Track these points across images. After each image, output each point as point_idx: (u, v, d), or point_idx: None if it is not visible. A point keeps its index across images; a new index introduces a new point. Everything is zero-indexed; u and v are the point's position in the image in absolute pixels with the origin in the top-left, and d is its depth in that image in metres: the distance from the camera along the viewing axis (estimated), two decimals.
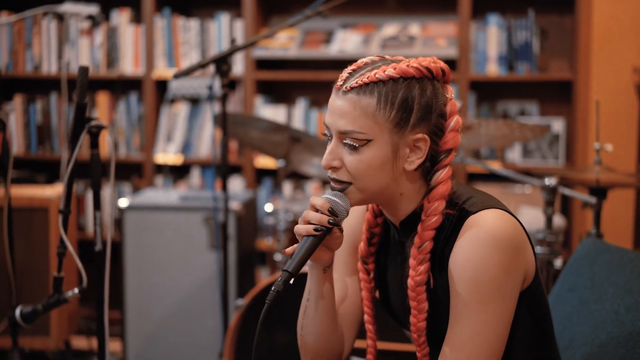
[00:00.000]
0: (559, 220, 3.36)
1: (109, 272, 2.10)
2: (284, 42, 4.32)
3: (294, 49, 4.28)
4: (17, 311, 2.13)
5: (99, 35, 4.43)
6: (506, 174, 3.11)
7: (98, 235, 2.10)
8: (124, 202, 3.60)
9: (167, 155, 4.41)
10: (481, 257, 1.43)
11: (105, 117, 4.48)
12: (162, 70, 4.37)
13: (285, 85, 4.56)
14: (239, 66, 4.29)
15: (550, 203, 2.74)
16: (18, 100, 4.54)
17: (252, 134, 3.35)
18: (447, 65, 1.54)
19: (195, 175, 4.46)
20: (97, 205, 2.11)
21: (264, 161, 4.29)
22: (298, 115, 4.34)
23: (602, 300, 1.86)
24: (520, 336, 1.53)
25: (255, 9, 4.26)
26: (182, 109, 4.42)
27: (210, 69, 3.96)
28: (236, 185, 4.36)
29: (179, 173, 4.55)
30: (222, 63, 2.85)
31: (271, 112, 4.32)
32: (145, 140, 4.41)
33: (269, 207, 3.68)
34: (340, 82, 1.50)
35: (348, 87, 1.48)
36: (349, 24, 4.35)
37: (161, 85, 4.45)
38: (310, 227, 1.50)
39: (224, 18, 4.32)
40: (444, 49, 4.06)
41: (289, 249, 1.52)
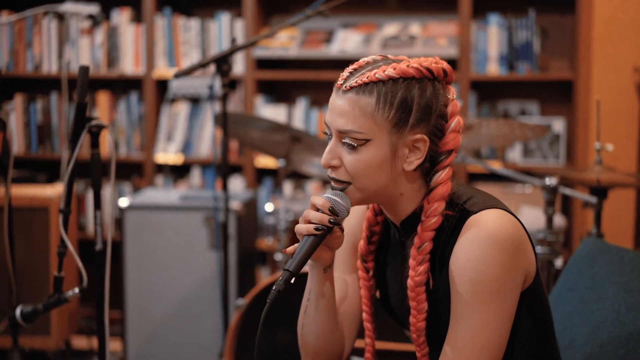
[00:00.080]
0: (559, 220, 3.36)
1: (109, 272, 2.10)
2: (285, 42, 4.31)
3: (295, 48, 4.28)
4: (18, 311, 2.13)
5: (100, 35, 4.43)
6: (507, 174, 3.11)
7: (98, 235, 2.10)
8: (124, 202, 3.60)
9: (168, 154, 4.41)
10: (482, 257, 1.43)
11: (105, 117, 4.48)
12: (163, 70, 4.37)
13: (285, 85, 4.56)
14: (239, 66, 4.29)
15: (550, 203, 2.73)
16: (18, 100, 4.54)
17: (253, 134, 3.35)
18: (450, 66, 1.53)
19: (195, 174, 4.46)
20: (98, 204, 2.11)
21: (265, 161, 4.29)
22: (298, 115, 4.34)
23: (603, 300, 1.86)
24: (521, 336, 1.53)
25: (255, 8, 4.26)
26: (183, 109, 4.42)
27: (211, 68, 3.96)
28: (236, 184, 4.35)
29: (179, 173, 4.55)
30: (223, 63, 2.85)
31: (272, 112, 4.32)
32: (145, 140, 4.41)
33: (269, 207, 3.68)
34: (341, 81, 1.50)
35: (348, 87, 1.48)
36: (350, 24, 4.35)
37: (162, 85, 4.45)
38: (311, 227, 1.50)
39: (224, 18, 4.32)
40: (444, 49, 4.06)
41: (289, 249, 1.52)
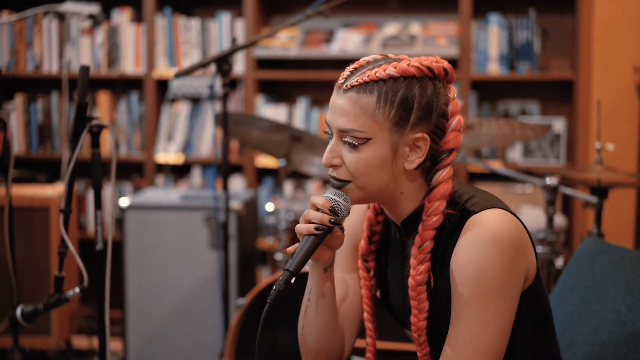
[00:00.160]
0: (560, 220, 3.36)
1: (109, 272, 2.10)
2: (285, 42, 4.32)
3: (295, 48, 4.28)
4: (18, 310, 2.13)
5: (100, 35, 4.43)
6: (507, 174, 3.11)
7: (99, 235, 2.10)
8: (124, 202, 3.60)
9: (168, 154, 4.41)
10: (483, 257, 1.43)
11: (106, 117, 4.48)
12: (163, 70, 4.37)
13: (286, 84, 4.56)
14: (239, 65, 4.29)
15: (551, 202, 2.73)
16: (19, 100, 4.54)
17: (253, 134, 3.35)
18: (451, 65, 1.53)
19: (196, 174, 4.46)
20: (98, 204, 2.11)
21: (265, 160, 4.29)
22: (299, 114, 4.34)
23: (603, 300, 1.86)
24: (521, 336, 1.53)
25: (256, 8, 4.26)
26: (183, 109, 4.42)
27: (211, 68, 3.96)
28: (237, 184, 4.36)
29: (179, 172, 4.55)
30: (223, 62, 2.85)
31: (272, 112, 4.32)
32: (146, 140, 4.41)
33: (269, 207, 3.68)
34: (342, 80, 1.50)
35: (348, 86, 1.48)
36: (350, 24, 4.35)
37: (162, 85, 4.45)
38: (311, 226, 1.50)
39: (224, 17, 4.32)
40: (444, 49, 4.06)
41: (290, 248, 1.52)
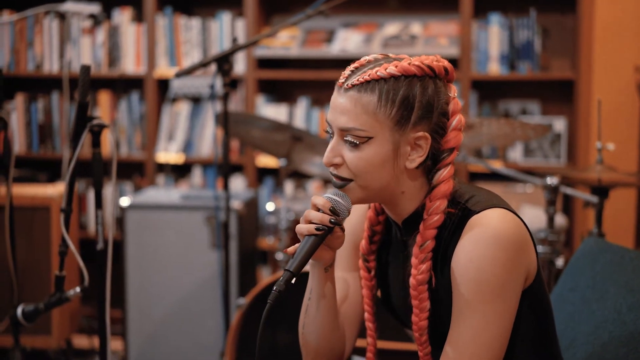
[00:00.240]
0: (560, 220, 3.36)
1: (110, 271, 2.10)
2: (286, 41, 4.32)
3: (296, 48, 4.28)
4: (19, 310, 2.13)
5: (101, 34, 4.43)
6: (508, 173, 3.11)
7: (100, 234, 2.10)
8: (125, 201, 3.60)
9: (169, 154, 4.41)
10: (484, 257, 1.43)
11: (106, 116, 4.48)
12: (164, 69, 4.37)
13: (286, 84, 4.56)
14: (240, 65, 4.29)
15: (552, 202, 2.73)
16: (20, 99, 4.54)
17: (254, 133, 3.35)
18: (452, 65, 1.54)
19: (196, 174, 4.46)
20: (99, 204, 2.11)
21: (266, 160, 4.29)
22: (299, 114, 4.34)
23: (604, 300, 1.86)
24: (522, 335, 1.53)
25: (256, 8, 4.26)
26: (184, 108, 4.42)
27: (212, 68, 3.96)
28: (237, 184, 4.36)
29: (180, 172, 4.55)
30: (224, 62, 2.85)
31: (273, 111, 4.32)
32: (146, 139, 4.41)
33: (270, 206, 3.68)
34: (342, 80, 1.50)
35: (349, 85, 1.48)
36: (351, 23, 4.35)
37: (163, 84, 4.45)
38: (312, 227, 1.50)
39: (225, 17, 4.32)
40: (445, 48, 4.06)
41: (290, 249, 1.52)
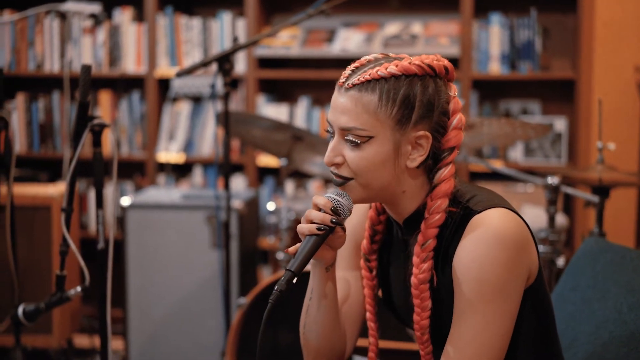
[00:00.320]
0: (561, 219, 3.36)
1: (111, 271, 2.10)
2: (286, 41, 4.32)
3: (296, 47, 4.28)
4: (20, 309, 2.14)
5: (102, 34, 4.43)
6: (508, 173, 3.11)
7: (100, 234, 2.10)
8: (126, 201, 3.61)
9: (170, 153, 4.41)
10: (486, 257, 1.43)
11: (107, 116, 4.48)
12: (165, 69, 4.37)
13: (287, 83, 4.56)
14: (241, 65, 4.29)
15: (552, 202, 2.73)
16: (20, 99, 4.54)
17: (255, 133, 3.35)
18: (452, 64, 1.54)
19: (197, 173, 4.46)
20: (100, 203, 2.11)
21: (266, 160, 4.29)
22: (300, 113, 4.34)
23: (605, 299, 1.86)
24: (523, 334, 1.53)
25: (257, 7, 4.26)
26: (185, 108, 4.42)
27: (213, 67, 3.96)
28: (238, 183, 4.36)
29: (181, 172, 4.55)
30: (225, 62, 2.85)
31: (273, 111, 4.32)
32: (147, 139, 4.41)
33: (271, 206, 3.68)
34: (343, 79, 1.50)
35: (350, 84, 1.48)
36: (351, 23, 4.35)
37: (163, 84, 4.45)
38: (313, 227, 1.50)
39: (226, 17, 4.32)
40: (446, 48, 4.06)
41: (292, 248, 1.52)
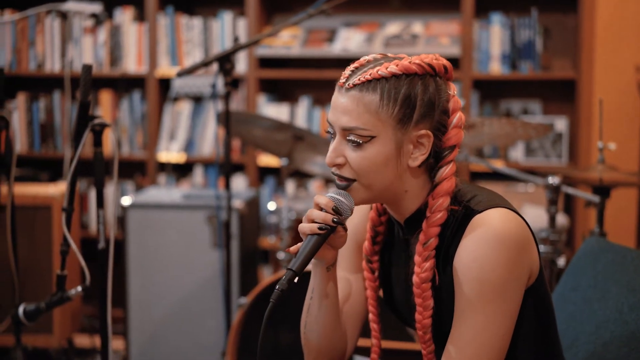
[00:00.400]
0: (562, 219, 3.36)
1: (112, 270, 2.11)
2: (287, 41, 4.32)
3: (297, 47, 4.28)
4: (21, 309, 2.14)
5: (102, 34, 4.43)
6: (509, 173, 3.11)
7: (101, 233, 2.10)
8: (127, 201, 3.61)
9: (170, 153, 4.41)
10: (487, 257, 1.43)
11: (108, 116, 4.48)
12: (165, 69, 4.37)
13: (288, 83, 4.56)
14: (242, 64, 4.29)
15: (553, 202, 2.73)
16: (21, 99, 4.54)
17: (255, 133, 3.35)
18: (450, 63, 1.54)
19: (198, 173, 4.46)
20: (100, 203, 2.11)
21: (267, 159, 4.29)
22: (301, 113, 4.34)
23: (606, 299, 1.86)
24: (524, 334, 1.53)
25: (258, 7, 4.26)
26: (185, 107, 4.42)
27: (214, 67, 3.96)
28: (239, 183, 4.36)
29: (182, 171, 4.55)
30: (225, 61, 2.85)
31: (274, 111, 4.32)
32: (148, 139, 4.41)
33: (272, 206, 3.68)
34: (343, 80, 1.50)
35: (351, 84, 1.48)
36: (352, 23, 4.35)
37: (164, 84, 4.45)
38: (315, 226, 1.50)
39: (227, 16, 4.32)
40: (447, 48, 4.06)
41: (293, 248, 1.52)
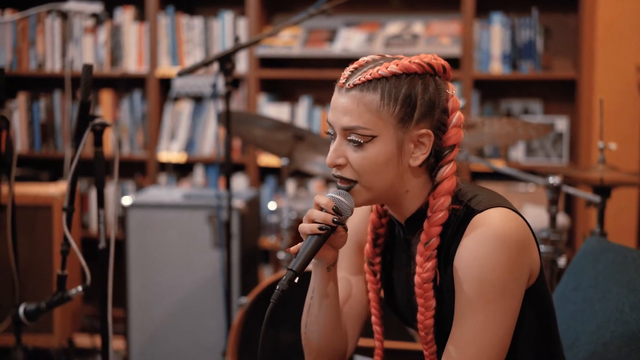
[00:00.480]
0: (562, 219, 3.36)
1: (112, 270, 2.11)
2: (288, 41, 4.31)
3: (298, 47, 4.28)
4: (21, 309, 2.14)
5: (103, 33, 4.43)
6: (510, 173, 3.11)
7: (102, 233, 2.10)
8: (127, 200, 3.61)
9: (171, 153, 4.41)
10: (487, 257, 1.43)
11: (108, 115, 4.48)
12: (166, 69, 4.37)
13: (288, 83, 4.56)
14: (242, 64, 4.29)
15: (554, 202, 2.73)
16: (22, 98, 4.55)
17: (256, 132, 3.35)
18: (450, 63, 1.55)
19: (198, 173, 4.46)
20: (101, 203, 2.11)
21: (268, 159, 4.29)
22: (301, 113, 4.34)
23: (606, 299, 1.86)
24: (525, 334, 1.53)
25: (258, 7, 4.26)
26: (186, 107, 4.42)
27: (214, 67, 3.96)
28: (239, 183, 4.36)
29: (182, 171, 4.55)
30: (226, 61, 2.85)
31: (275, 110, 4.32)
32: (148, 139, 4.41)
33: (272, 205, 3.67)
34: (343, 80, 1.50)
35: (351, 85, 1.48)
36: (353, 23, 4.35)
37: (165, 84, 4.45)
38: (315, 226, 1.50)
39: (227, 16, 4.32)
40: (447, 48, 4.06)
41: (293, 248, 1.52)
